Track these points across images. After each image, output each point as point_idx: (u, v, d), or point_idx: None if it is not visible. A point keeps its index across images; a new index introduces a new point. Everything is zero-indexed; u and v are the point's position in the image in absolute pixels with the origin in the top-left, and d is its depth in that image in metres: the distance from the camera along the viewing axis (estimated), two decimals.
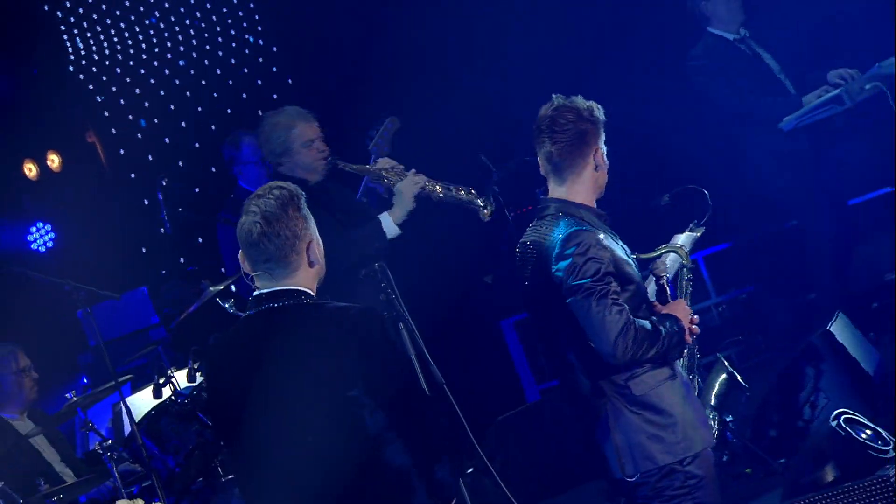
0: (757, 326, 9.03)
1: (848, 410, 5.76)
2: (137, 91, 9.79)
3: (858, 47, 8.29)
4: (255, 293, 4.21)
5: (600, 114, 4.70)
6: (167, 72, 9.96)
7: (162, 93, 9.86)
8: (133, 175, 9.62)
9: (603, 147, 4.71)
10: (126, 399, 7.00)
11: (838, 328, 6.52)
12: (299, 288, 4.23)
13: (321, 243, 4.32)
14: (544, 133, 4.68)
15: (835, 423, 5.67)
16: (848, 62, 7.99)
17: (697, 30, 8.23)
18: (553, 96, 4.74)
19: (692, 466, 4.53)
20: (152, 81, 9.87)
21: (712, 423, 6.02)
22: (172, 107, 9.86)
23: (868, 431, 5.68)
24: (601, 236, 4.55)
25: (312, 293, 4.26)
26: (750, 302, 9.42)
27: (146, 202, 9.22)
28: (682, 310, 4.67)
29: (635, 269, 4.67)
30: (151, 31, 9.90)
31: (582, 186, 4.69)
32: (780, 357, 7.63)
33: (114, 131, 9.67)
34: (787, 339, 8.02)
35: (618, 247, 4.64)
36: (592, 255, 4.48)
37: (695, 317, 4.71)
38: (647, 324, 4.52)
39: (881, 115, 7.78)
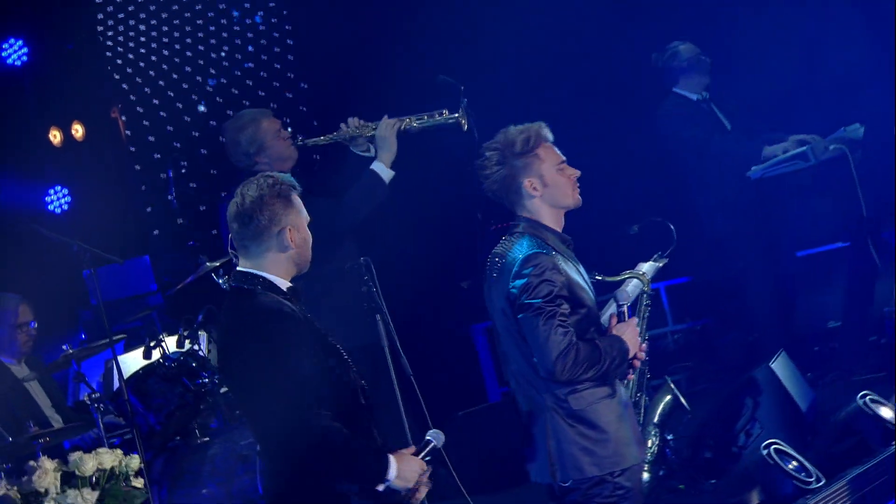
0: (707, 357, 9.07)
1: (779, 442, 5.79)
2: (161, 75, 9.77)
3: (814, 117, 8.35)
4: (234, 270, 4.30)
5: (534, 142, 4.67)
6: (190, 63, 9.97)
7: (174, 75, 9.82)
8: (151, 151, 9.60)
9: (542, 171, 4.67)
10: (118, 357, 7.00)
11: (779, 365, 6.55)
12: (258, 273, 4.23)
13: (304, 231, 4.30)
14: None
15: (765, 452, 5.70)
16: (799, 130, 8.05)
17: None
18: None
19: (621, 478, 4.53)
20: (176, 63, 9.86)
21: (654, 438, 6.04)
22: (194, 96, 9.85)
23: (795, 463, 5.71)
24: (559, 260, 4.55)
25: (274, 277, 4.25)
26: (703, 334, 9.47)
27: (162, 175, 9.18)
28: (631, 335, 4.64)
29: (590, 293, 4.66)
30: (178, 22, 9.90)
31: (540, 210, 4.69)
32: (724, 387, 7.65)
33: (139, 110, 9.67)
34: (733, 372, 8.04)
35: (575, 272, 4.63)
36: (547, 277, 4.48)
37: (643, 344, 4.72)
38: (591, 347, 4.50)
39: (841, 175, 7.85)
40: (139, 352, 7.14)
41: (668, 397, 6.14)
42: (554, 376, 4.44)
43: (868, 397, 6.12)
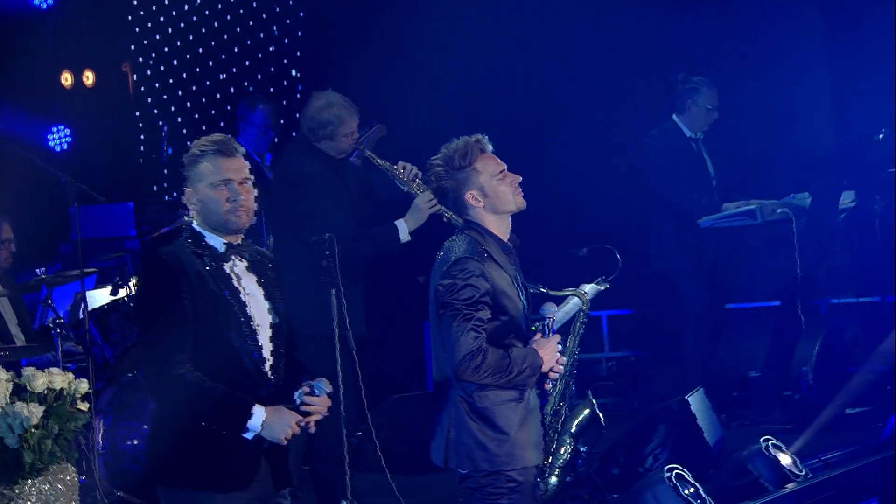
0: (634, 386, 9.10)
1: (681, 468, 5.81)
2: (177, 34, 9.72)
3: (773, 182, 8.40)
4: None
5: (472, 156, 4.63)
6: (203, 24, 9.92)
7: (190, 36, 9.80)
8: (153, 107, 9.57)
9: (481, 182, 4.63)
10: (87, 290, 6.96)
11: (695, 400, 6.58)
12: (193, 224, 4.22)
13: (201, 197, 4.19)
14: None
15: (667, 475, 5.71)
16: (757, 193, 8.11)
17: (663, 109, 8.26)
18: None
19: (514, 473, 4.52)
20: (194, 22, 9.82)
21: (567, 447, 6.02)
22: (210, 62, 9.81)
23: (692, 490, 5.73)
24: (491, 268, 4.53)
25: (204, 232, 4.19)
26: (635, 364, 9.49)
27: (161, 128, 9.13)
28: (548, 349, 4.60)
29: (518, 303, 4.63)
30: None
31: (484, 218, 4.66)
32: (642, 413, 7.68)
33: (150, 65, 9.63)
34: (654, 402, 8.06)
35: (507, 280, 4.59)
36: (471, 282, 4.46)
37: (561, 357, 4.67)
38: (502, 355, 4.48)
39: (784, 238, 7.91)
40: (107, 289, 7.11)
41: (588, 411, 6.13)
42: (457, 375, 4.43)
43: (770, 442, 6.15)
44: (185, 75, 9.56)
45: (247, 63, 9.66)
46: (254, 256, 4.24)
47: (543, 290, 5.46)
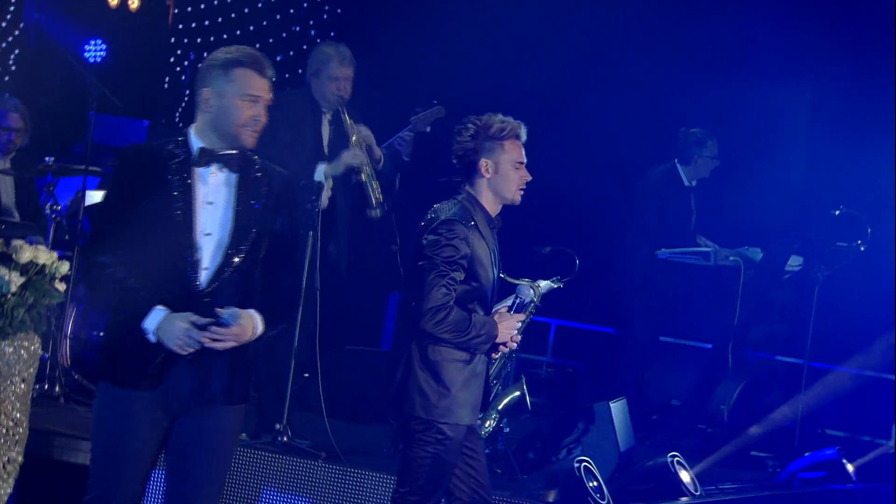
0: (567, 392, 9.10)
1: (590, 462, 5.82)
2: None
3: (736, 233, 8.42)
4: None
5: (507, 134, 4.65)
6: None
7: None
8: (186, 36, 9.49)
9: (499, 159, 4.64)
10: (88, 189, 6.94)
11: (616, 408, 6.58)
12: (188, 130, 3.97)
13: (227, 101, 3.88)
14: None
15: (576, 465, 5.72)
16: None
17: (665, 151, 8.23)
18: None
19: (446, 427, 4.53)
20: None
21: (492, 421, 6.02)
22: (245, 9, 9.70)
23: (595, 483, 5.74)
24: (474, 236, 4.56)
25: (195, 137, 3.93)
26: (573, 373, 9.49)
27: (186, 62, 9.06)
28: (507, 325, 4.64)
29: (488, 274, 4.64)
30: None
31: (483, 191, 4.68)
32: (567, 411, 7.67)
33: (192, 5, 9.57)
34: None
35: (485, 252, 4.62)
36: (454, 243, 4.49)
37: (517, 335, 4.71)
38: (464, 316, 4.50)
39: (730, 285, 7.94)
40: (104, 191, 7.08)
41: (517, 393, 6.13)
42: (422, 323, 4.44)
43: (676, 458, 6.17)
44: (220, 19, 9.48)
45: (277, 17, 9.59)
46: (245, 170, 3.95)
47: (502, 276, 5.47)
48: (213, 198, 3.90)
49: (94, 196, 7.03)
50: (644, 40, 8.96)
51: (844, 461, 6.68)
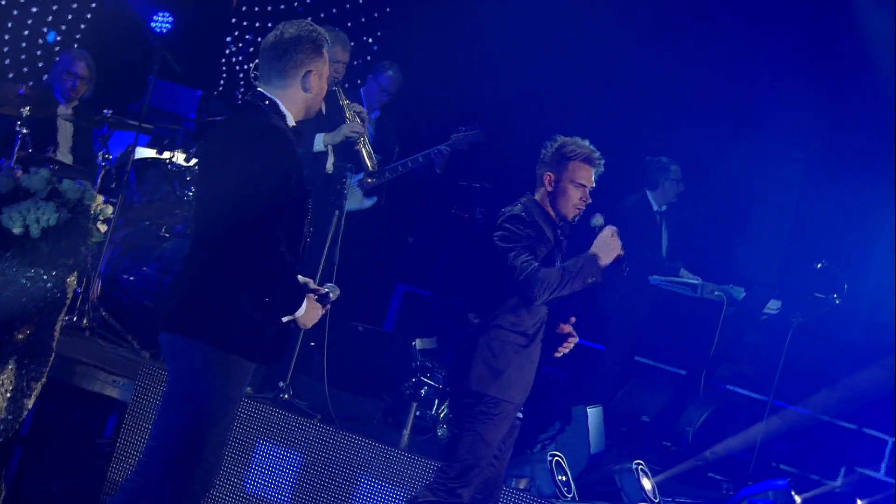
0: (551, 397, 9.07)
1: (562, 458, 5.80)
2: None
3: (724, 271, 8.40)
4: (254, 90, 3.95)
5: (578, 157, 4.72)
6: None
7: None
8: (248, 17, 9.44)
9: (563, 177, 4.70)
10: (139, 145, 6.95)
11: (593, 413, 6.56)
12: (270, 96, 3.85)
13: (324, 82, 3.93)
14: None
15: (549, 458, 5.71)
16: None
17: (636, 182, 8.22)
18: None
19: (495, 403, 4.59)
20: None
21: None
22: None
23: (564, 478, 5.72)
24: (533, 227, 4.63)
25: (285, 109, 3.85)
26: (555, 381, 9.43)
27: (249, 38, 8.95)
28: (608, 242, 4.68)
29: (553, 260, 4.71)
30: None
31: (543, 200, 4.75)
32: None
33: None
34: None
35: (545, 239, 4.68)
36: (518, 231, 4.60)
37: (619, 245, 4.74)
38: (553, 269, 4.57)
39: (711, 317, 7.92)
40: (154, 150, 7.08)
41: None
42: (523, 290, 4.51)
43: (640, 466, 6.15)
44: (282, 7, 9.45)
45: (335, 10, 9.55)
46: None
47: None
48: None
49: (143, 152, 7.03)
50: (653, 90, 8.93)
51: (794, 492, 6.65)
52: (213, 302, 3.71)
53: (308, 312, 3.82)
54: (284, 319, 3.79)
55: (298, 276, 3.87)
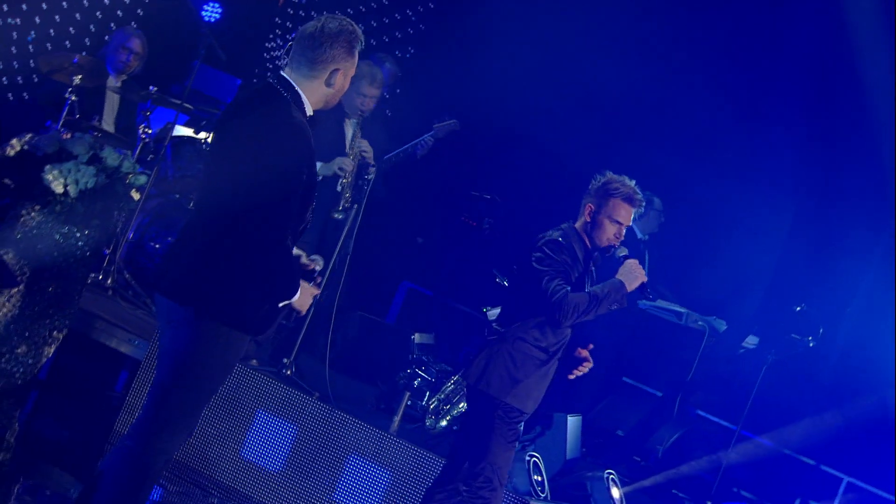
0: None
1: (539, 459, 5.79)
2: None
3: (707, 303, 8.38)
4: (279, 73, 3.83)
5: (619, 194, 4.76)
6: None
7: None
8: (293, 16, 9.43)
9: (601, 211, 4.73)
10: (178, 123, 6.95)
11: (572, 422, 6.55)
12: (293, 85, 3.74)
13: (347, 81, 3.83)
14: None
15: (527, 458, 5.70)
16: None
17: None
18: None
19: (510, 414, 4.64)
20: None
21: (465, 405, 5.99)
22: None
23: (540, 478, 5.71)
24: (568, 253, 4.67)
25: (306, 99, 3.76)
26: None
27: (292, 35, 8.92)
28: (634, 269, 4.73)
29: (584, 286, 4.73)
30: None
31: (582, 228, 4.78)
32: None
33: None
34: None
35: (578, 268, 4.71)
36: (555, 256, 4.64)
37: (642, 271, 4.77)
38: (583, 294, 4.61)
39: (692, 345, 7.91)
40: (192, 129, 7.08)
41: None
42: (551, 313, 4.56)
43: (611, 476, 6.13)
44: (325, 14, 9.36)
45: (374, 23, 9.51)
46: None
47: (505, 283, 5.50)
48: None
49: (181, 130, 7.02)
50: (653, 125, 8.91)
51: None
52: (215, 277, 3.64)
53: (302, 296, 3.78)
54: (280, 304, 3.74)
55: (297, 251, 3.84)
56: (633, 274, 4.65)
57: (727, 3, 8.62)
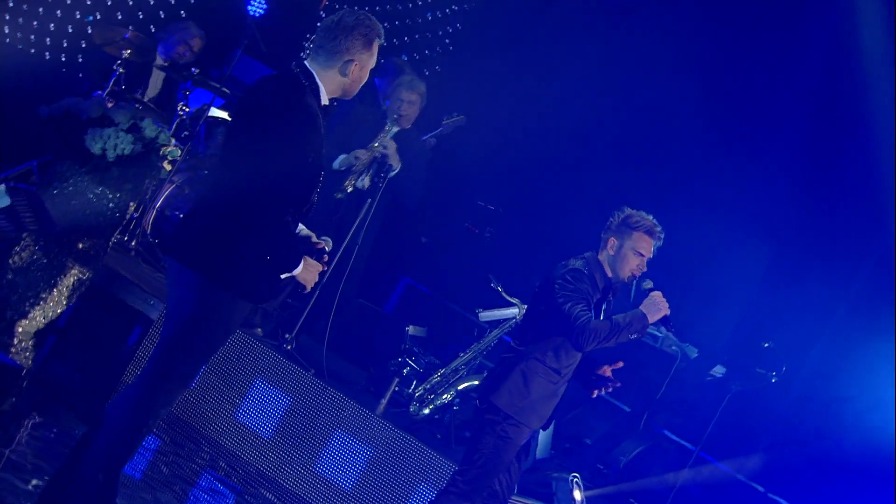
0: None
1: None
2: None
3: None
4: (301, 60, 3.85)
5: (640, 228, 4.74)
6: None
7: None
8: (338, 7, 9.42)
9: (624, 244, 4.69)
10: (214, 105, 6.94)
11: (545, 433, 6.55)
12: (312, 73, 3.74)
13: (365, 73, 3.80)
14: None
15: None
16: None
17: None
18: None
19: (513, 423, 4.62)
20: None
21: (450, 396, 5.99)
22: None
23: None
24: (588, 283, 4.64)
25: (322, 88, 3.75)
26: None
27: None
28: (657, 302, 4.68)
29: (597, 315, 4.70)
30: None
31: (604, 261, 4.73)
32: None
33: None
34: None
35: (595, 298, 4.67)
36: (576, 284, 4.60)
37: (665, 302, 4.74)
38: (605, 321, 4.57)
39: (664, 367, 7.91)
40: (227, 112, 7.08)
41: (476, 382, 6.11)
42: (574, 336, 4.51)
43: (576, 480, 6.12)
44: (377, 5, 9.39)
45: (406, 39, 9.49)
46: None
47: (500, 289, 5.47)
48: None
49: (216, 112, 7.02)
50: (637, 158, 8.90)
51: None
52: (221, 246, 3.65)
53: (305, 271, 3.76)
54: (283, 276, 3.74)
55: (303, 229, 3.86)
56: (656, 306, 4.59)
57: (703, 38, 8.54)
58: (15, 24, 7.46)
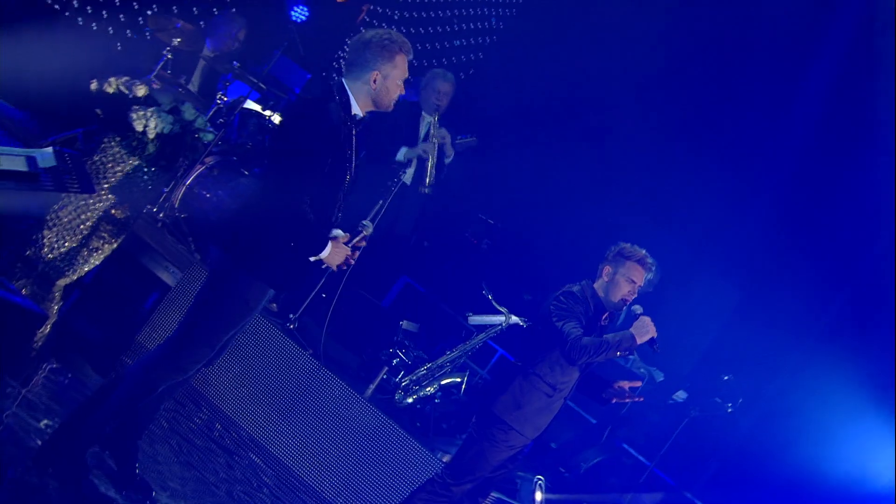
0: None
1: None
2: None
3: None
4: (341, 77, 3.98)
5: (634, 259, 4.77)
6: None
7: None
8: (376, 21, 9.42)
9: (619, 273, 4.73)
10: (250, 98, 6.98)
11: None
12: (347, 90, 3.86)
13: (391, 83, 3.87)
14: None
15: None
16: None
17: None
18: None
19: (506, 430, 4.65)
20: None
21: (433, 389, 6.01)
22: None
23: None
24: (584, 307, 4.68)
25: (353, 101, 3.86)
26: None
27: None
28: (645, 326, 4.70)
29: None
30: None
31: (600, 287, 4.78)
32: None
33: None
34: None
35: (589, 317, 4.72)
36: (571, 307, 4.66)
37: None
38: (597, 338, 4.59)
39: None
40: (261, 106, 7.11)
41: (458, 379, 6.14)
42: (566, 351, 4.55)
43: (540, 482, 6.14)
44: (401, 31, 9.37)
45: (437, 45, 9.47)
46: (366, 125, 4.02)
47: (490, 297, 5.50)
48: (355, 152, 4.02)
49: (251, 104, 7.06)
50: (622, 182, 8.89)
51: None
52: (252, 236, 3.79)
53: (332, 254, 3.85)
54: (312, 259, 3.83)
55: (337, 230, 3.96)
56: (644, 329, 4.63)
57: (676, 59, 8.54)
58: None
